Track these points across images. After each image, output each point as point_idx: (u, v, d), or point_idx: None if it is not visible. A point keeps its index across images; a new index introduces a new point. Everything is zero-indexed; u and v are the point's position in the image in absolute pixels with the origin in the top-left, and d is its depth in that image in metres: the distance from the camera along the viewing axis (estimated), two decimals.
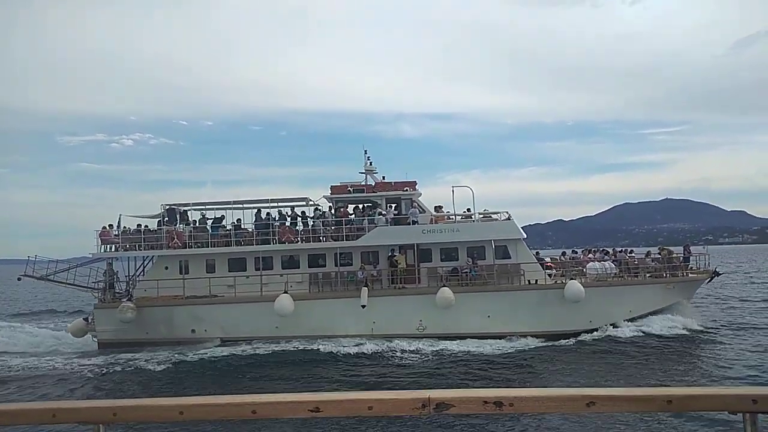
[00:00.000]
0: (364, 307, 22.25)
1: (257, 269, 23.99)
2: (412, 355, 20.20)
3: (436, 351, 20.61)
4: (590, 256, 25.53)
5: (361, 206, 26.10)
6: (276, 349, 21.53)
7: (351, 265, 24.42)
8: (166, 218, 24.94)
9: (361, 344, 21.47)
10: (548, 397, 2.17)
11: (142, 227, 25.20)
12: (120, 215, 24.53)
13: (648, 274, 24.21)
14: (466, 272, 23.62)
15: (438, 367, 18.75)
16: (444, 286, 22.70)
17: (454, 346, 21.08)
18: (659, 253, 25.21)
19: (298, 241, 24.50)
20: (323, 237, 24.42)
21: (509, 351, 20.56)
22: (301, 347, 21.44)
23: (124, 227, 24.68)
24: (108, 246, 24.24)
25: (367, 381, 17.20)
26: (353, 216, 25.02)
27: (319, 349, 21.12)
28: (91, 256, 24.48)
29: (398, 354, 20.38)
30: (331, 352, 20.84)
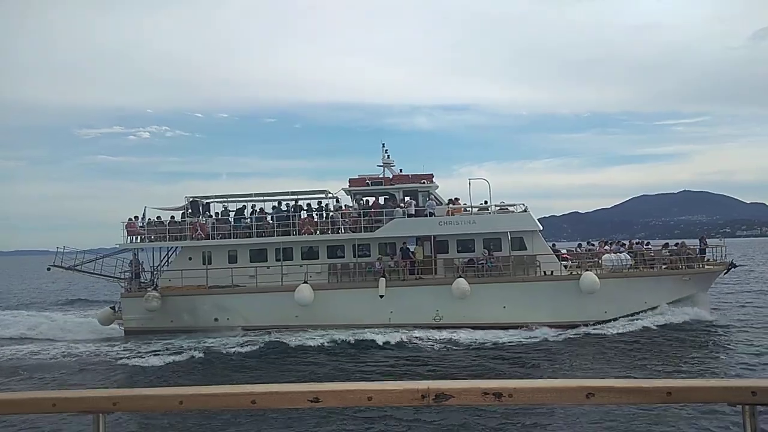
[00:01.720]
0: (382, 297, 22.74)
1: (278, 260, 24.59)
2: (427, 345, 20.59)
3: (452, 340, 20.97)
4: (606, 247, 25.71)
5: (381, 198, 26.56)
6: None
7: (369, 256, 24.93)
8: (190, 210, 25.66)
9: (378, 333, 21.88)
10: (547, 389, 2.16)
11: (163, 219, 25.89)
12: (145, 207, 25.37)
13: (664, 266, 24.33)
14: (483, 263, 23.97)
15: (452, 356, 19.07)
16: (460, 276, 23.09)
17: (470, 335, 21.44)
18: (675, 246, 25.32)
19: (317, 233, 25.08)
20: (342, 229, 24.95)
21: (524, 341, 20.86)
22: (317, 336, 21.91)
23: (149, 219, 25.44)
24: (134, 237, 25.02)
25: (381, 369, 17.53)
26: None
27: (332, 337, 21.51)
28: (118, 246, 25.32)
29: (414, 343, 20.79)
30: (346, 340, 21.23)
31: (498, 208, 25.44)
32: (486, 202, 25.58)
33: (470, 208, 25.56)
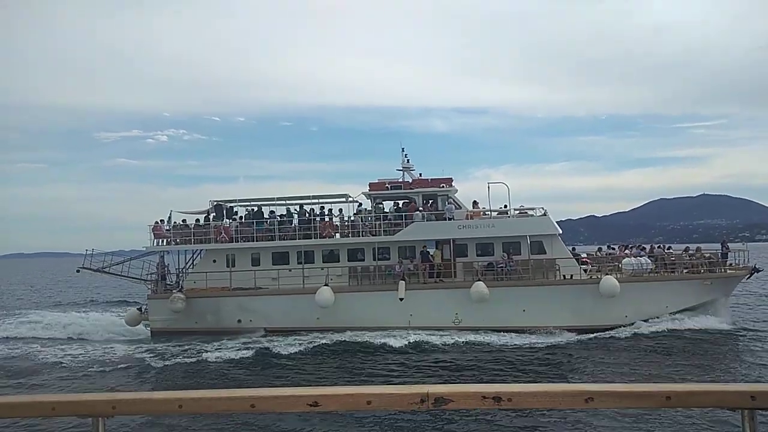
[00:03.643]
0: (401, 300, 23.01)
1: (299, 263, 25.03)
2: (446, 347, 20.77)
3: (470, 343, 21.15)
4: (626, 251, 25.69)
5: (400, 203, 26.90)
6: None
7: (389, 259, 25.24)
8: (214, 214, 26.25)
9: (397, 336, 22.02)
10: (547, 393, 2.16)
11: (189, 223, 26.54)
12: (171, 211, 26.01)
13: (685, 270, 24.24)
14: (502, 267, 24.13)
15: (464, 359, 19.19)
16: (479, 280, 23.29)
17: (488, 339, 21.60)
18: (693, 252, 25.21)
19: (337, 236, 25.48)
20: (362, 232, 25.32)
21: (542, 345, 20.92)
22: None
23: (174, 222, 26.09)
24: (160, 240, 25.67)
25: (387, 372, 17.69)
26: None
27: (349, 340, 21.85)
28: (144, 249, 26.01)
29: (432, 345, 20.99)
30: (366, 342, 21.51)
31: (517, 212, 25.60)
32: (505, 206, 25.77)
33: (489, 212, 25.77)
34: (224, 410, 2.31)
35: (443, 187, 26.37)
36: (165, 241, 25.76)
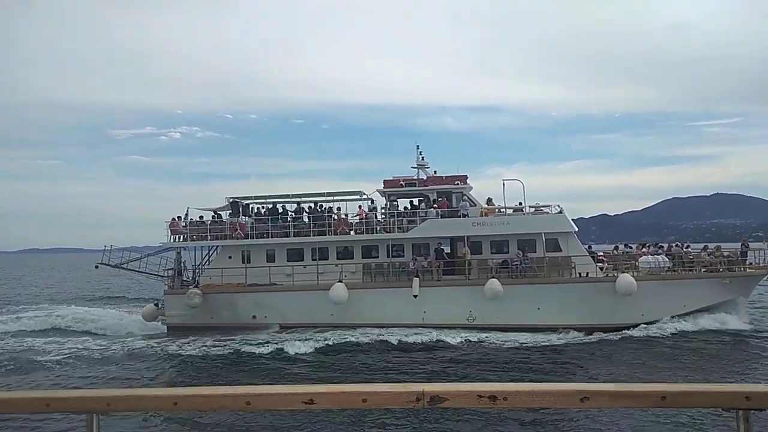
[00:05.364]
0: (415, 297, 23.01)
1: (314, 259, 25.11)
2: (461, 345, 20.73)
3: (484, 341, 21.08)
4: (644, 250, 25.46)
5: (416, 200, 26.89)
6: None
7: (402, 256, 25.24)
8: (230, 211, 26.42)
9: (411, 333, 22.04)
10: (542, 392, 2.18)
11: (205, 219, 26.76)
12: (188, 208, 26.25)
13: (703, 269, 23.97)
14: (517, 264, 24.01)
15: (470, 358, 19.14)
16: (493, 277, 23.20)
17: (496, 337, 21.50)
18: (712, 251, 24.91)
19: (352, 233, 25.52)
20: (376, 229, 25.34)
21: (557, 343, 20.80)
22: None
23: (191, 219, 26.29)
24: (176, 236, 25.88)
25: (409, 369, 17.75)
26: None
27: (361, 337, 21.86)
28: (161, 245, 26.25)
29: (445, 343, 20.94)
30: (385, 340, 21.53)
31: (532, 209, 25.46)
32: (520, 203, 25.65)
33: (504, 209, 25.66)
34: (219, 407, 2.29)
35: (458, 184, 26.31)
36: (181, 237, 25.98)
